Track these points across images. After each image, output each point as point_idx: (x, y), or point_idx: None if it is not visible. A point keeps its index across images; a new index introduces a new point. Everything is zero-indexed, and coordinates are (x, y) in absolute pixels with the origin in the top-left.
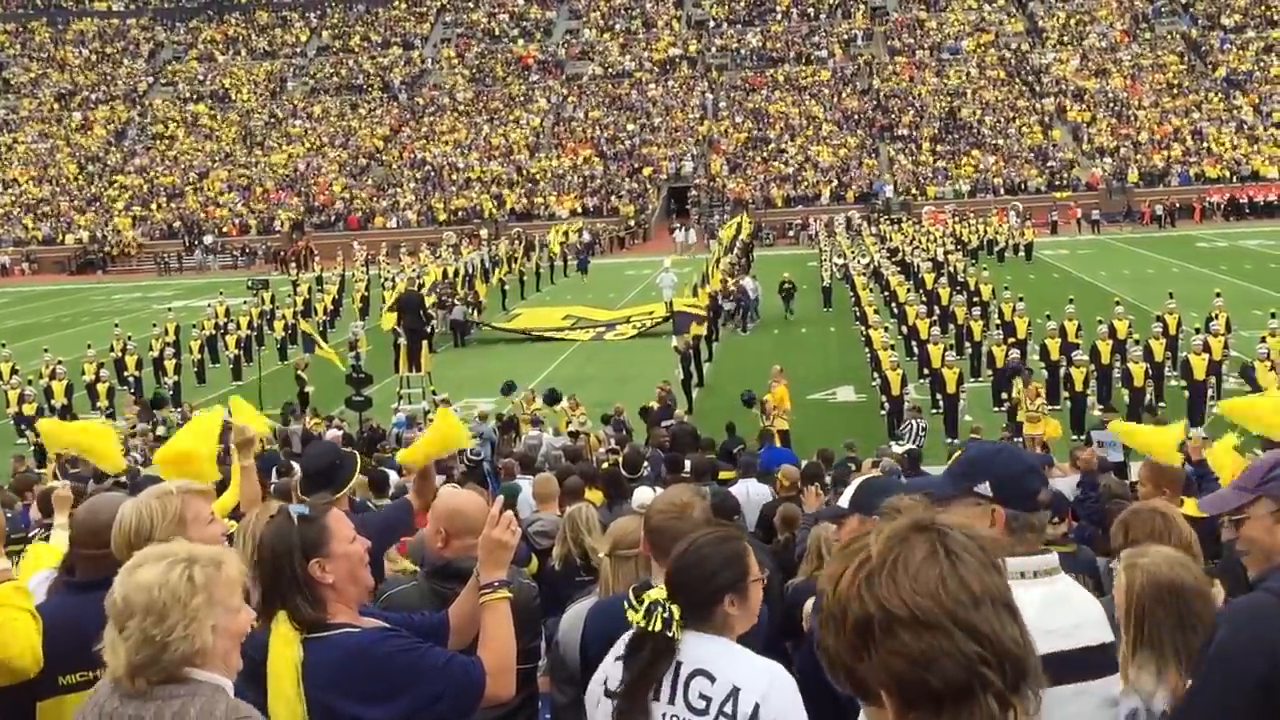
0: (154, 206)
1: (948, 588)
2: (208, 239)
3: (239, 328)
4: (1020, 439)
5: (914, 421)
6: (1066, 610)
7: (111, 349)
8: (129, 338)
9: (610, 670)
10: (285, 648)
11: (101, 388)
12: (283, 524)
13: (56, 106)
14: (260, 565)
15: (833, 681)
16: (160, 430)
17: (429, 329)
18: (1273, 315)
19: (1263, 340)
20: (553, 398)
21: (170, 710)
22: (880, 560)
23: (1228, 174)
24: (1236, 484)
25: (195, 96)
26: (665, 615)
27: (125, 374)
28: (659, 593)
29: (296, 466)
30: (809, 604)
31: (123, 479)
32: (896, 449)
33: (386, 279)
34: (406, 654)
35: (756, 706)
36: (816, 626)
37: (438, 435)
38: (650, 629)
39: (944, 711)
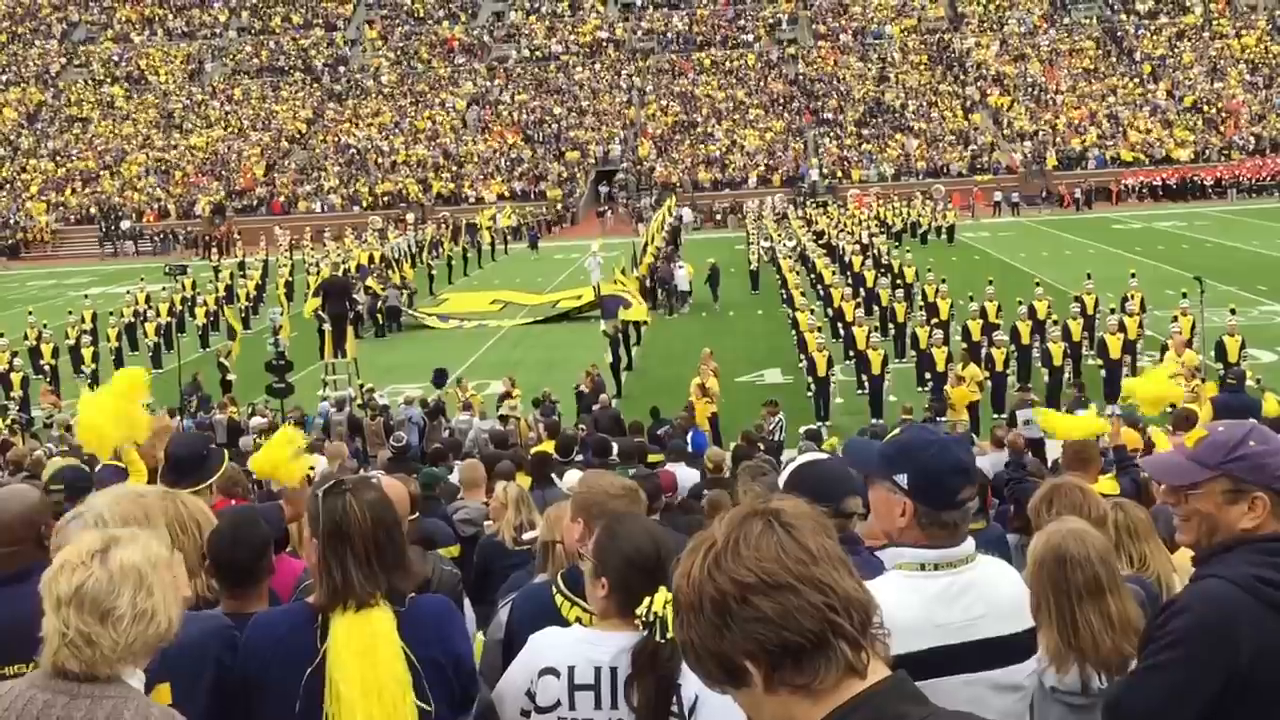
0: (69, 191)
1: (786, 551)
2: (125, 224)
3: (159, 315)
4: (942, 419)
5: (773, 418)
6: (970, 601)
7: (25, 337)
8: (44, 325)
9: (543, 686)
10: (383, 616)
11: (15, 377)
12: (379, 495)
13: None
14: (378, 539)
15: (701, 675)
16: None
17: (353, 314)
18: (1184, 295)
19: (1175, 319)
20: (440, 379)
21: (102, 712)
22: (723, 543)
23: (1142, 157)
24: (1195, 456)
25: (111, 78)
26: (664, 617)
27: (41, 362)
28: (659, 601)
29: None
30: None
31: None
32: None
33: (311, 264)
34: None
35: (696, 698)
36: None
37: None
38: (660, 639)
39: (804, 664)
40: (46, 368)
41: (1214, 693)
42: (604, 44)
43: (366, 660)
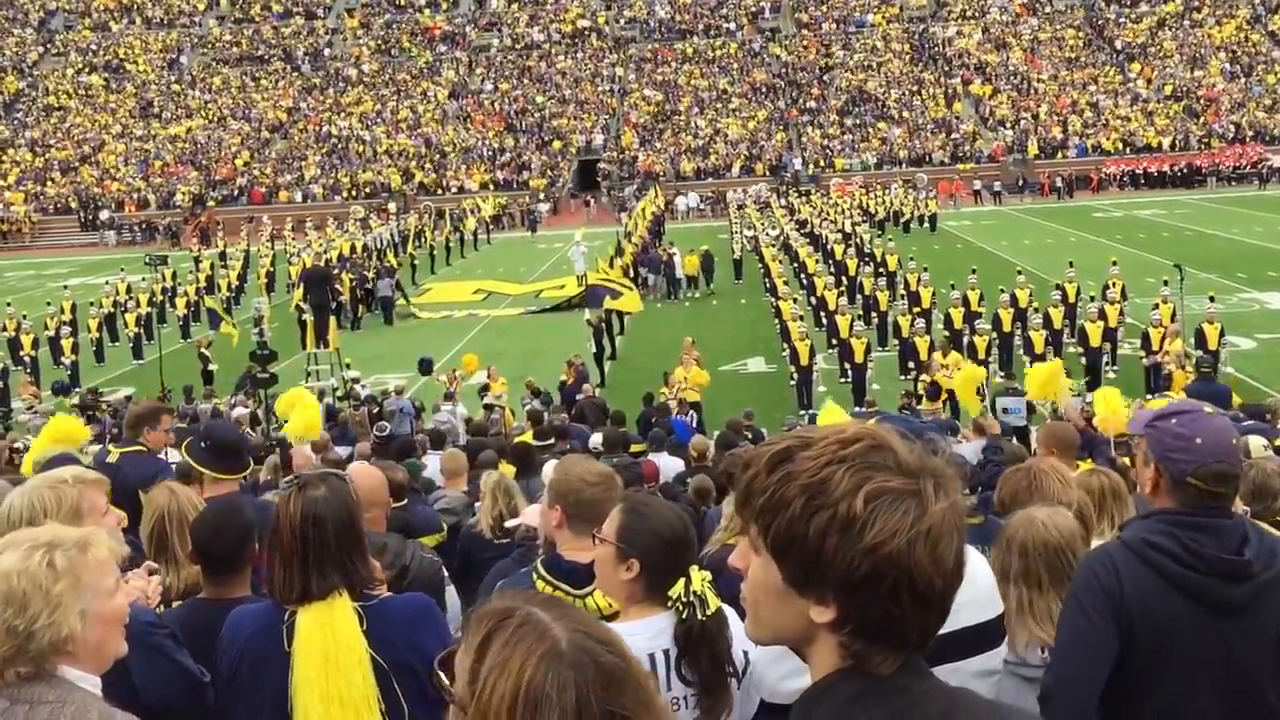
0: (47, 181)
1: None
2: (104, 215)
3: (139, 305)
4: (918, 409)
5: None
6: None
7: (4, 328)
8: (24, 317)
9: None
10: (348, 620)
11: None
12: (341, 487)
13: None
14: (313, 533)
15: (750, 518)
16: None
17: (335, 304)
18: (1165, 283)
19: (1155, 307)
20: (426, 367)
21: (39, 717)
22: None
23: (1123, 145)
24: (1139, 416)
25: (89, 67)
26: (703, 595)
27: (20, 354)
28: (697, 580)
29: (183, 448)
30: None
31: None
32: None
33: (292, 254)
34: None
35: (745, 655)
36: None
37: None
38: (702, 617)
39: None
40: (26, 359)
41: (1110, 641)
42: (586, 33)
43: (330, 665)
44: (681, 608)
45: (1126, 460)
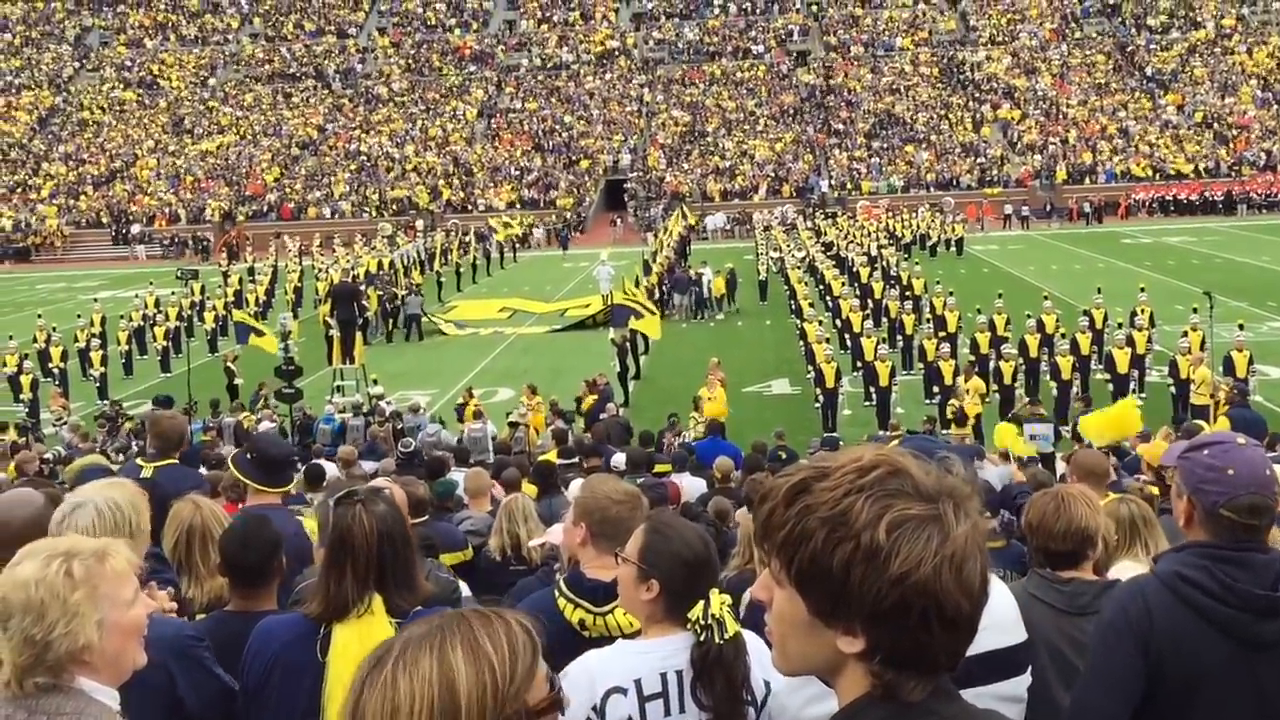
0: (80, 195)
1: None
2: (135, 229)
3: (168, 319)
4: (946, 432)
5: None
6: None
7: (34, 340)
8: (54, 329)
9: (611, 706)
10: (386, 632)
11: (24, 380)
12: (392, 501)
13: None
14: (388, 550)
15: (777, 559)
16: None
17: (362, 320)
18: (1194, 310)
19: (1184, 334)
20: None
21: None
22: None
23: (1152, 172)
24: (1173, 448)
25: (123, 83)
26: (721, 618)
27: (50, 365)
28: (716, 603)
29: (230, 460)
30: (748, 594)
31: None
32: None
33: (320, 270)
34: None
35: (767, 685)
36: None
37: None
38: (719, 640)
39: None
40: (56, 371)
41: (1138, 677)
42: (615, 54)
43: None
44: (699, 630)
45: (1154, 489)
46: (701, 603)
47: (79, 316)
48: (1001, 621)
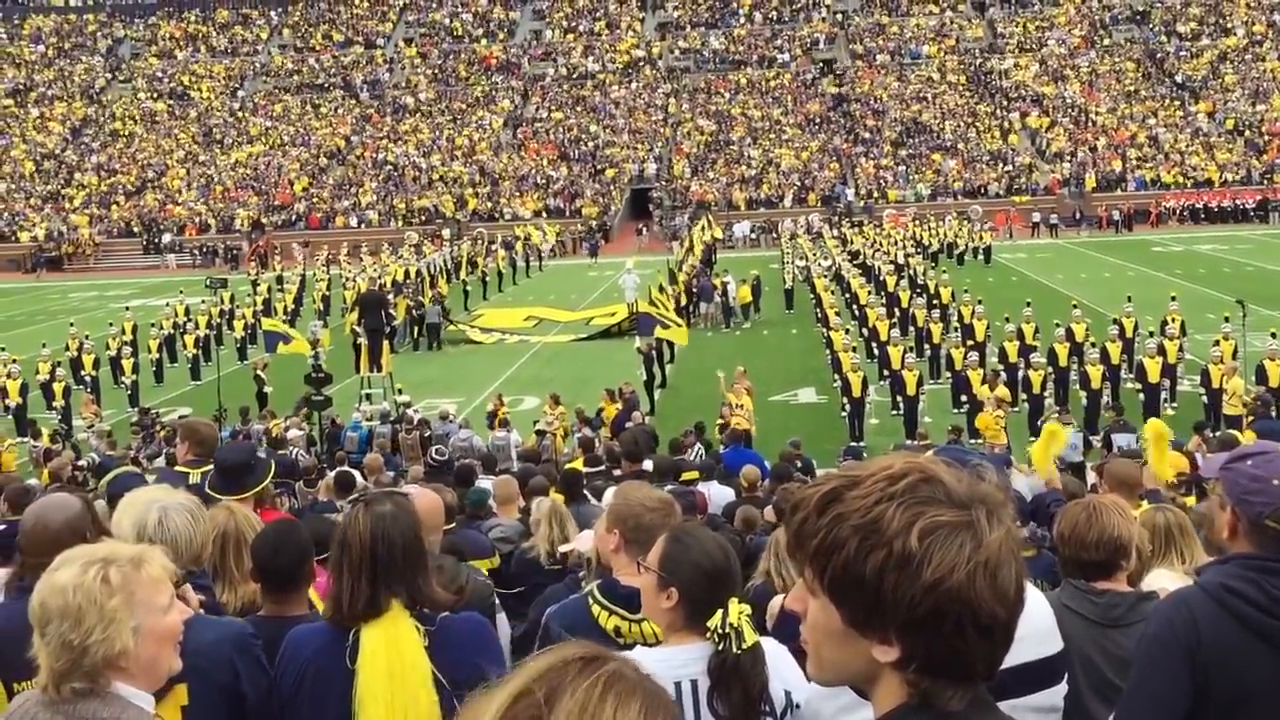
0: (112, 205)
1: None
2: (166, 238)
3: (198, 327)
4: (976, 440)
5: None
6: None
7: (67, 348)
8: (85, 337)
9: None
10: (411, 637)
11: (57, 387)
12: (406, 505)
13: (12, 103)
14: (382, 550)
15: (810, 569)
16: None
17: (389, 329)
18: (1226, 319)
19: (1216, 344)
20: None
21: None
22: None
23: (1183, 179)
24: (1215, 459)
25: (154, 94)
26: (739, 627)
27: (82, 373)
28: (734, 612)
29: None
30: (774, 602)
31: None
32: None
33: (347, 279)
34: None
35: (787, 695)
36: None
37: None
38: (737, 650)
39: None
40: (88, 379)
41: (1183, 694)
42: (640, 63)
43: (396, 682)
44: (717, 639)
45: (1190, 500)
46: (720, 612)
47: (110, 325)
48: (1037, 631)
